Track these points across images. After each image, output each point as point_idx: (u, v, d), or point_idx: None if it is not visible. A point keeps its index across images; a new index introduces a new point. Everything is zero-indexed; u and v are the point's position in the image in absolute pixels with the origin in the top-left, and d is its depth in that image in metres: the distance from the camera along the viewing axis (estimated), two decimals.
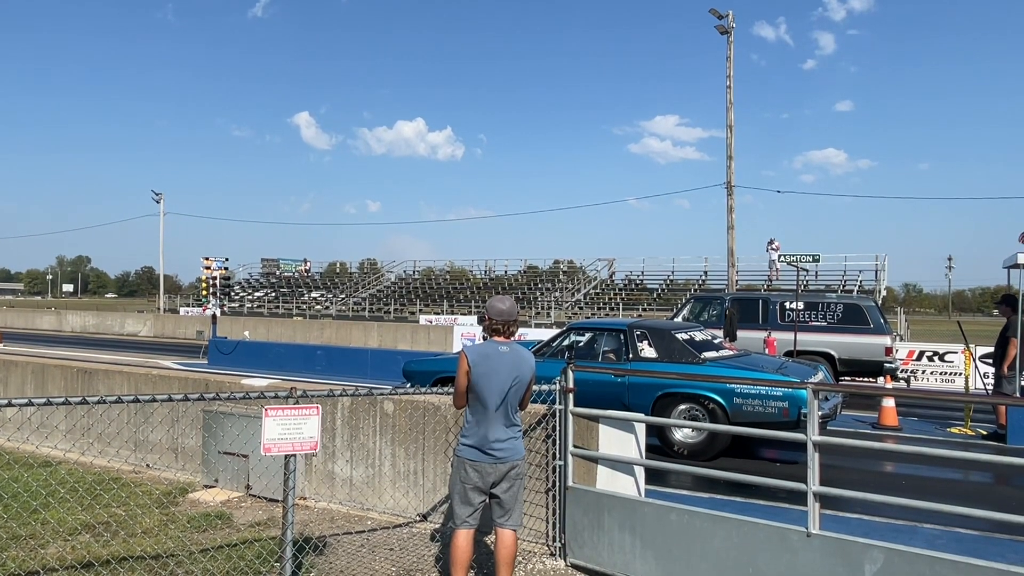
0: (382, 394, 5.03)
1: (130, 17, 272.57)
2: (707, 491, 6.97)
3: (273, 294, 51.26)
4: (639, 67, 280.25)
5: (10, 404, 3.78)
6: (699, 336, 9.24)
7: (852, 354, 14.13)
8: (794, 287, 22.47)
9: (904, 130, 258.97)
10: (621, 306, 38.55)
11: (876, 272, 35.46)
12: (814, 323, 14.90)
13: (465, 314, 39.55)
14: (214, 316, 21.50)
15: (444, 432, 5.84)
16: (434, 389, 5.40)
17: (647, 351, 8.76)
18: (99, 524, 5.60)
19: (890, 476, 8.07)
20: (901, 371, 16.45)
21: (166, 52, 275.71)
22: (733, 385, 8.02)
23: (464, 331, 25.39)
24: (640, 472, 5.35)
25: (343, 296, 49.45)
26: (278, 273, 54.51)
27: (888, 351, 13.84)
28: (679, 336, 8.90)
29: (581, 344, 9.30)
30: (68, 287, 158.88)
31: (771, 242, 31.93)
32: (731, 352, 9.32)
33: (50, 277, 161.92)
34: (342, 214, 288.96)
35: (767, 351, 17.28)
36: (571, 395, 5.10)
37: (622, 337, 8.96)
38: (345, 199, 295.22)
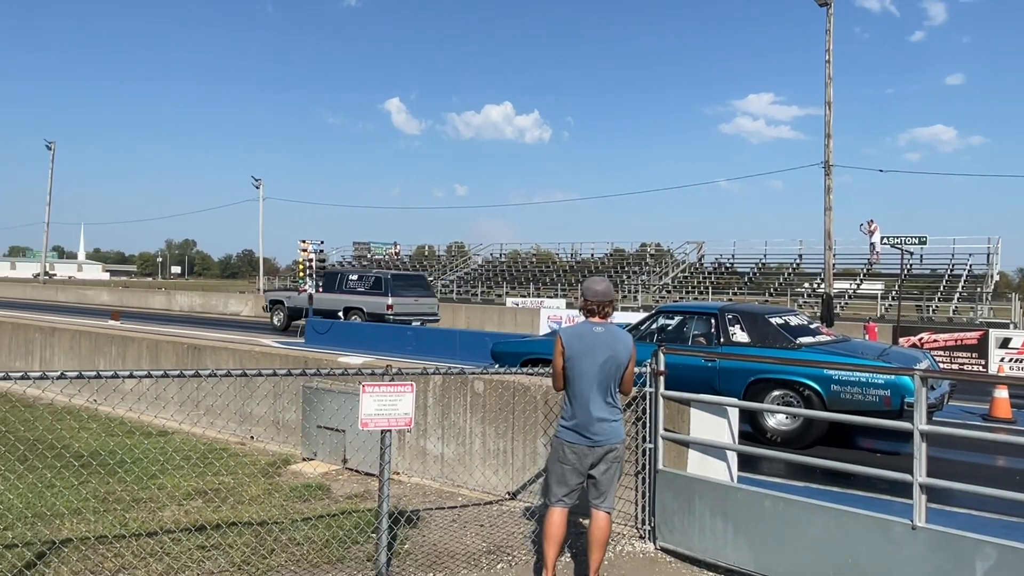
0: (473, 373, 5.12)
1: (233, 10, 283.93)
2: (801, 479, 6.77)
3: None
4: (732, 44, 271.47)
5: (131, 375, 4.06)
6: (795, 320, 8.95)
7: (371, 308, 21.13)
8: (897, 271, 21.43)
9: (1020, 104, 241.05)
10: (710, 290, 37.68)
11: (988, 256, 33.28)
12: (359, 289, 22.00)
13: (551, 297, 39.57)
14: (310, 297, 22.29)
15: (534, 412, 5.89)
16: (524, 370, 5.46)
17: (739, 335, 8.55)
18: (210, 491, 5.95)
19: (1001, 471, 7.63)
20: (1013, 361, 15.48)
21: (266, 43, 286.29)
22: (831, 371, 7.73)
23: (551, 313, 25.42)
24: (733, 457, 5.25)
25: (432, 278, 50.39)
26: (369, 256, 55.93)
27: (389, 307, 20.85)
28: (773, 320, 8.66)
29: (670, 328, 9.17)
30: (176, 269, 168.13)
31: (869, 223, 30.48)
32: (829, 337, 8.99)
33: (160, 260, 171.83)
34: (430, 198, 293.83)
35: (867, 336, 16.60)
36: (662, 378, 5.05)
37: (713, 321, 8.77)
38: (434, 183, 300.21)
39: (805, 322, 9.15)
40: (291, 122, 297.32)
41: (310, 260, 22.63)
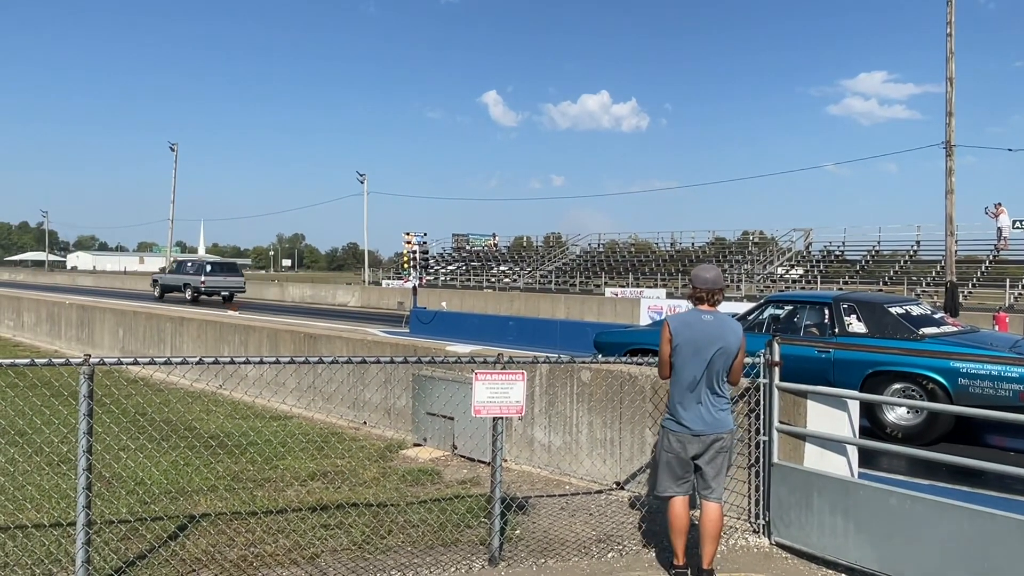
0: (583, 362, 5.13)
1: (338, 12, 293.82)
2: (925, 478, 6.43)
3: (464, 267, 53.58)
4: (841, 20, 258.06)
5: (257, 362, 4.31)
6: (916, 310, 8.45)
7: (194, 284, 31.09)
8: None
9: None
10: (819, 279, 36.12)
11: None
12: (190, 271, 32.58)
13: (651, 287, 39.02)
14: (414, 288, 22.92)
15: (642, 402, 5.85)
16: (631, 359, 5.43)
17: (855, 325, 8.15)
18: (328, 473, 6.25)
19: None
20: None
21: (368, 42, 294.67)
22: (958, 363, 7.29)
23: (651, 304, 25.09)
24: (854, 452, 5.05)
25: (529, 269, 50.64)
26: (468, 247, 56.82)
27: (203, 282, 30.34)
28: (892, 310, 8.21)
29: (781, 317, 8.85)
30: (286, 262, 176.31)
31: (996, 206, 28.39)
32: (955, 328, 8.46)
33: (272, 253, 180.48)
34: (527, 189, 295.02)
35: (997, 327, 15.56)
36: (776, 368, 4.92)
37: (827, 310, 8.39)
38: (530, 174, 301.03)
39: (928, 312, 8.65)
40: (392, 118, 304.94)
41: (414, 252, 23.25)
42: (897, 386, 7.78)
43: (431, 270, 50.46)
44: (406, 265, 23.82)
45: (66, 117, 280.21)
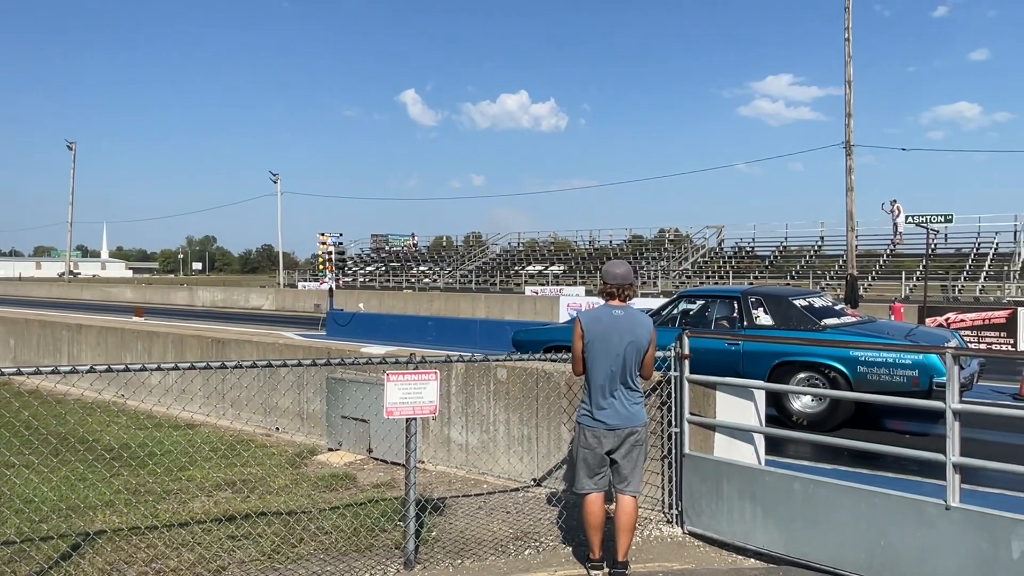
0: (497, 360, 5.11)
1: (248, 6, 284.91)
2: (829, 462, 6.70)
3: (383, 268, 52.90)
4: (748, 25, 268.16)
5: (158, 368, 4.09)
6: (819, 302, 8.85)
7: None
8: (921, 251, 21.15)
9: None
10: (731, 274, 37.41)
11: (1015, 234, 32.67)
12: None
13: (570, 284, 39.50)
14: (331, 289, 22.46)
15: (557, 399, 5.87)
16: (546, 356, 5.43)
17: (763, 318, 8.45)
18: (238, 482, 6.01)
19: None
20: None
21: (280, 37, 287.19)
22: (857, 352, 7.65)
23: (570, 301, 25.37)
24: (760, 440, 5.20)
25: (450, 269, 50.46)
26: (387, 248, 56.11)
27: None
28: (797, 302, 8.57)
29: (693, 312, 9.10)
30: (197, 265, 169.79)
31: (892, 203, 30.04)
32: (855, 319, 8.87)
33: (181, 256, 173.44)
34: (447, 189, 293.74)
35: (893, 317, 16.44)
36: (687, 361, 5.01)
37: (736, 304, 8.67)
38: (450, 174, 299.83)
39: (830, 303, 9.04)
40: (307, 116, 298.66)
41: (329, 253, 22.76)
42: (802, 375, 8.09)
43: (349, 271, 49.60)
44: (322, 266, 23.31)
45: None
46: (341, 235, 23.85)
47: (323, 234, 22.70)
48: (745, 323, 8.51)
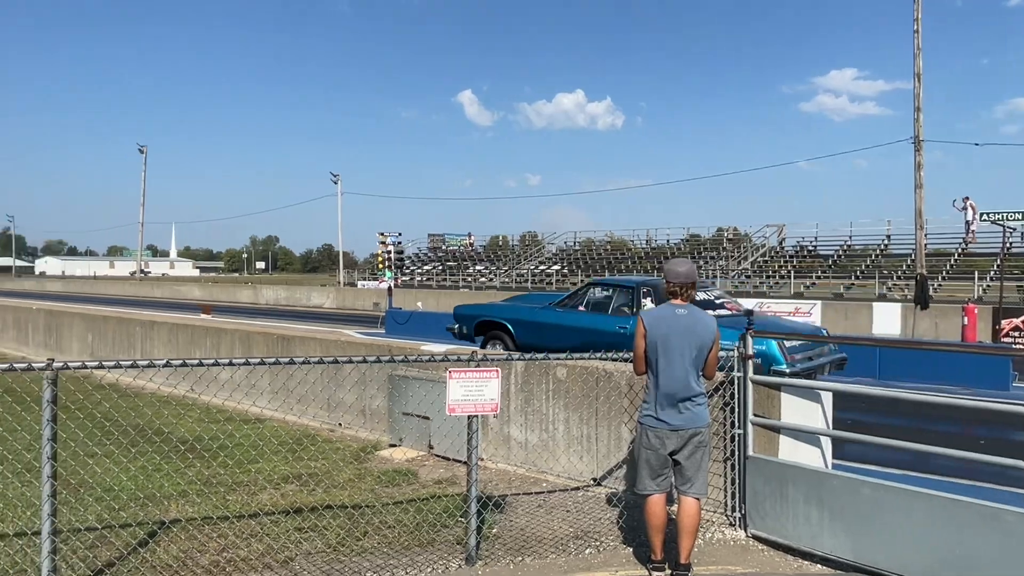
0: (558, 359, 5.11)
1: (309, 10, 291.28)
2: (897, 467, 6.49)
3: (440, 267, 53.41)
4: (811, 18, 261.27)
5: (229, 363, 4.23)
6: (701, 296, 9.43)
7: None
8: (997, 249, 20.25)
9: None
10: (792, 274, 36.52)
11: None
12: None
13: None
14: (390, 288, 22.78)
15: (618, 398, 5.85)
16: (607, 355, 5.36)
17: (649, 305, 8.94)
18: (303, 475, 6.16)
19: None
20: None
21: (340, 40, 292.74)
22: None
23: None
24: (827, 443, 5.08)
25: (506, 268, 50.64)
26: (444, 247, 56.63)
27: None
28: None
29: (599, 298, 9.85)
30: (260, 264, 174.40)
31: (964, 200, 28.88)
32: (729, 311, 9.40)
33: (245, 256, 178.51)
34: (503, 188, 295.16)
35: (966, 319, 15.95)
36: (750, 362, 4.93)
37: (631, 293, 9.44)
38: (506, 174, 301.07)
39: (713, 297, 9.64)
40: (366, 118, 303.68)
41: (388, 252, 23.11)
42: None
43: (407, 270, 50.25)
44: (381, 266, 23.69)
45: (33, 120, 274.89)
46: (400, 234, 24.18)
47: (383, 233, 23.05)
48: (635, 309, 9.06)
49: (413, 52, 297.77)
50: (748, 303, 22.66)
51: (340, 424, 8.22)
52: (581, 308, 9.75)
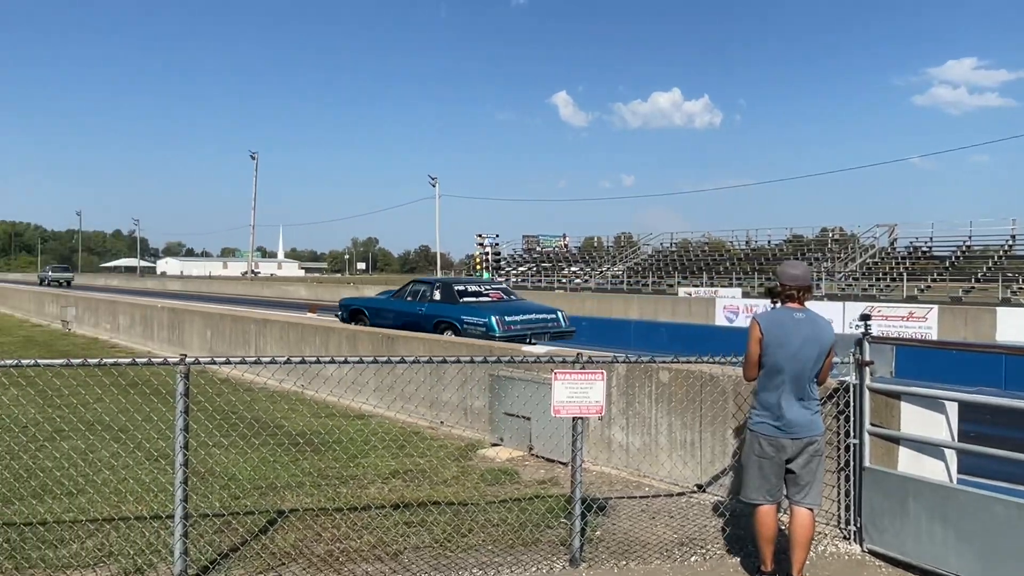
0: (663, 363, 5.06)
1: (407, 15, 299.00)
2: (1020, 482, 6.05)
3: (534, 268, 53.68)
4: (925, 6, 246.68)
5: (344, 361, 4.41)
6: (472, 287, 14.55)
7: None
8: None
9: None
10: (905, 277, 34.62)
11: None
12: None
13: (725, 286, 38.21)
14: None
15: (723, 403, 5.73)
16: (712, 358, 5.26)
17: (437, 296, 13.95)
18: (408, 471, 6.34)
19: None
20: None
21: (437, 45, 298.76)
22: (463, 316, 12.97)
23: (727, 303, 24.59)
24: (952, 456, 4.80)
25: (600, 269, 50.35)
26: (538, 248, 56.89)
27: None
28: (455, 287, 14.18)
29: (412, 291, 14.62)
30: (361, 265, 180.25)
31: None
32: (488, 299, 13.97)
33: (347, 257, 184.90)
34: (597, 189, 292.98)
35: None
36: (868, 368, 4.73)
37: (431, 287, 14.27)
38: (600, 174, 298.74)
39: (481, 289, 14.51)
40: (462, 121, 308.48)
41: (486, 253, 23.40)
42: (445, 327, 12.90)
43: (502, 271, 50.78)
44: (478, 266, 24.01)
45: (154, 130, 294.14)
46: (497, 236, 24.55)
47: (480, 235, 23.42)
48: (430, 298, 13.95)
49: (508, 56, 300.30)
50: (857, 307, 21.71)
51: (442, 422, 8.40)
52: (402, 298, 14.65)
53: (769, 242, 46.71)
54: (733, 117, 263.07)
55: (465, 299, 13.62)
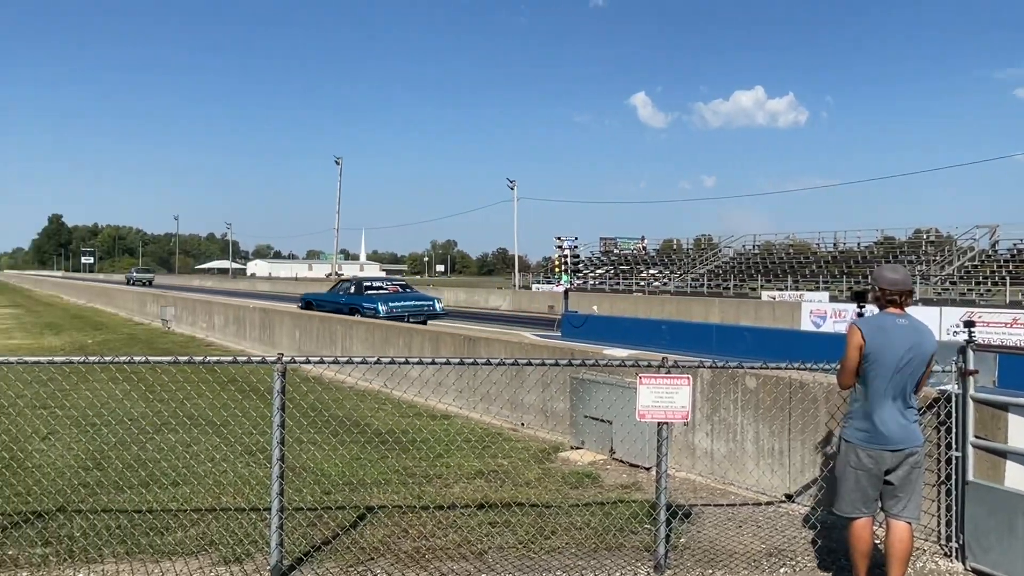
0: (749, 368, 4.95)
1: (486, 19, 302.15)
2: None
3: (612, 271, 53.25)
4: None
5: (422, 361, 4.51)
6: (377, 283, 21.73)
7: None
8: None
9: None
10: (1008, 281, 32.65)
11: None
12: None
13: (811, 290, 36.95)
14: (566, 291, 23.04)
15: (814, 411, 5.57)
16: (803, 365, 5.11)
17: (354, 290, 20.34)
18: (490, 472, 6.42)
19: None
20: None
21: (516, 49, 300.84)
22: (363, 303, 19.21)
23: (813, 308, 23.79)
24: None
25: (680, 272, 49.51)
26: (616, 251, 56.41)
27: None
28: (364, 283, 21.31)
29: (341, 287, 21.50)
30: (439, 267, 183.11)
31: None
32: (386, 291, 20.58)
33: (426, 259, 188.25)
34: (677, 190, 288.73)
35: None
36: (972, 378, 4.51)
37: (349, 284, 21.37)
38: (680, 175, 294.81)
39: (384, 285, 21.56)
40: (540, 123, 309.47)
41: (565, 256, 23.42)
42: (354, 311, 17.73)
43: (580, 274, 50.60)
44: (557, 269, 24.04)
45: (244, 139, 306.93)
46: (576, 238, 24.46)
47: (559, 237, 23.42)
48: (352, 291, 20.45)
49: (586, 58, 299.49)
50: (954, 313, 20.63)
51: (523, 424, 8.46)
52: (335, 292, 21.20)
53: (859, 244, 44.92)
54: (819, 115, 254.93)
55: (368, 292, 20.51)
